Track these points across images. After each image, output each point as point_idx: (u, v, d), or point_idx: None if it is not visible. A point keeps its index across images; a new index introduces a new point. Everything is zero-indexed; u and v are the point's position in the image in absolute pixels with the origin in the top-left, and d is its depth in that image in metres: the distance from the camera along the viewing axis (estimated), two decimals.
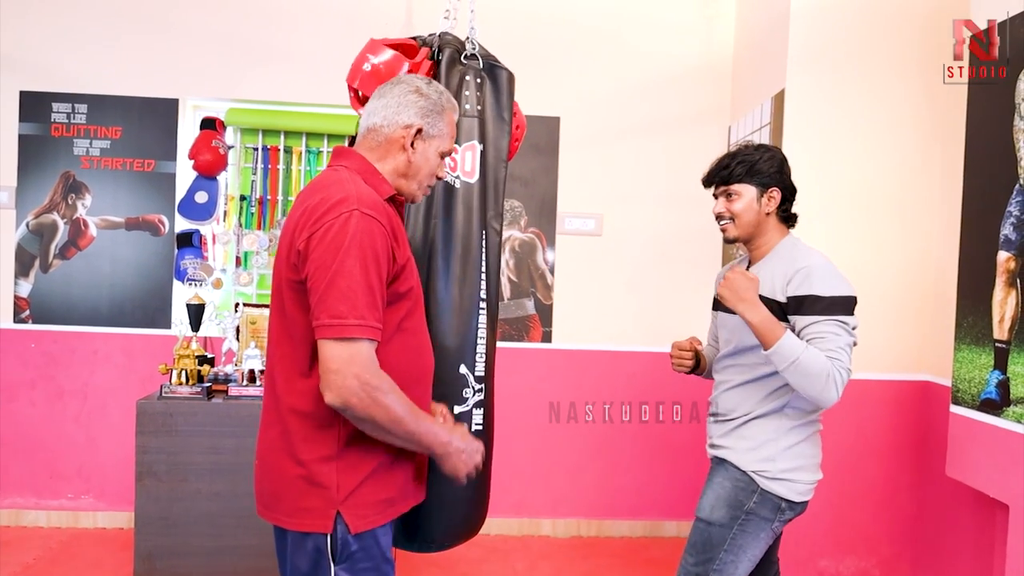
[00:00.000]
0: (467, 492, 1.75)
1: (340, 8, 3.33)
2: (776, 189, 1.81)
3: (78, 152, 3.28)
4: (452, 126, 1.51)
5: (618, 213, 3.46)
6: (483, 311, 1.76)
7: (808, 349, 1.66)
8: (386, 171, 1.44)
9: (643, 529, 3.49)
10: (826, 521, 2.80)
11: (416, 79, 1.48)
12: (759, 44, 3.11)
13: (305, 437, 1.33)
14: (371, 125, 1.45)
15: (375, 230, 1.29)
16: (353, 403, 1.25)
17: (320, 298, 1.26)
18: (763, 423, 1.80)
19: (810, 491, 1.81)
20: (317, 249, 1.27)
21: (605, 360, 3.47)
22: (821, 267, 1.73)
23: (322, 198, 1.31)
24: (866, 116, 2.77)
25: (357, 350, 1.25)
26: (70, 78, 3.27)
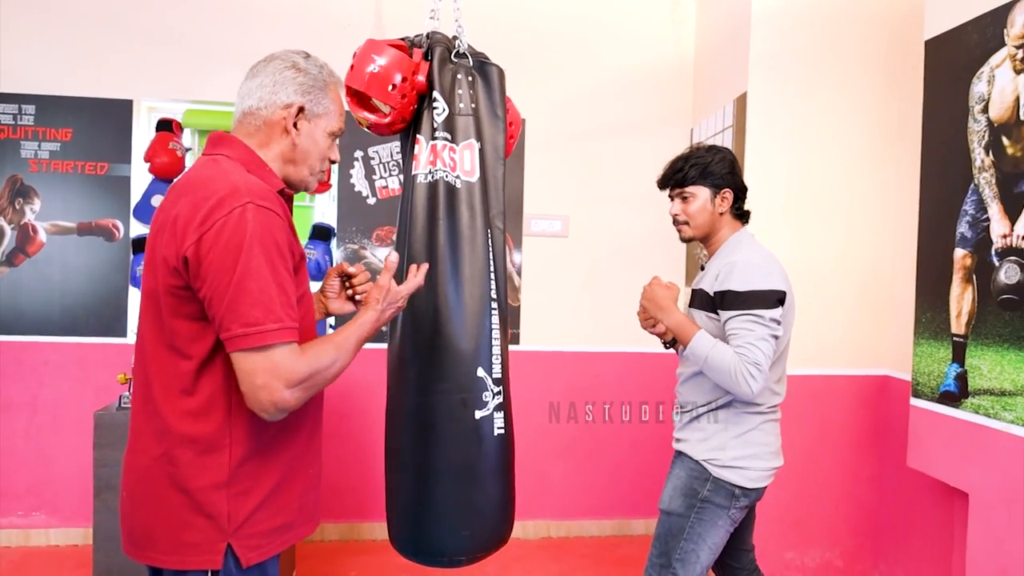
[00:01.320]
0: (495, 498, 1.71)
1: (301, 8, 3.27)
2: (728, 190, 1.89)
3: (26, 155, 3.14)
4: (339, 103, 1.37)
5: (584, 215, 3.48)
6: (495, 311, 1.73)
7: (716, 347, 1.75)
8: (270, 158, 1.31)
9: (612, 528, 3.52)
10: (790, 514, 2.86)
11: (292, 53, 1.34)
12: (721, 48, 3.17)
13: (191, 463, 1.19)
14: (247, 108, 1.31)
15: (273, 222, 1.17)
16: (293, 405, 1.17)
17: (228, 307, 1.12)
18: (713, 415, 1.86)
19: (765, 478, 1.86)
20: (212, 252, 1.13)
21: (572, 361, 3.48)
22: (744, 263, 1.79)
23: (205, 193, 1.16)
24: (825, 117, 2.85)
25: (281, 356, 1.14)
26: (16, 78, 3.13)
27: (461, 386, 1.66)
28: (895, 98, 2.86)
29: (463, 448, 1.67)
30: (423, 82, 1.70)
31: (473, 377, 1.67)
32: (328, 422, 3.31)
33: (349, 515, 3.35)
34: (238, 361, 1.14)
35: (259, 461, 1.23)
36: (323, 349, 1.23)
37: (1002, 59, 2.05)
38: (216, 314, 1.14)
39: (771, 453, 1.88)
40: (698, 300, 1.90)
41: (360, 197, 3.37)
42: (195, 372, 1.19)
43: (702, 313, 1.87)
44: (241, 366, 1.14)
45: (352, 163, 3.36)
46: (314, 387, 1.21)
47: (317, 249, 3.25)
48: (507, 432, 1.74)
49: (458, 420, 1.67)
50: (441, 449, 1.67)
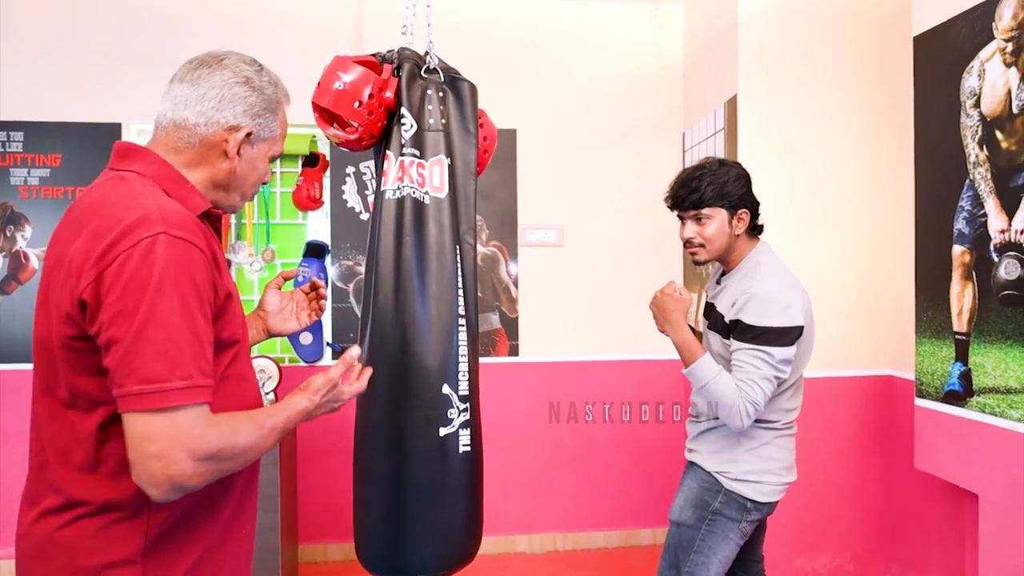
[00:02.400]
0: (459, 516, 1.71)
1: (288, 26, 3.27)
2: (745, 210, 1.82)
3: (15, 182, 3.13)
4: (284, 124, 1.21)
5: (579, 223, 3.46)
6: (463, 328, 1.71)
7: (720, 376, 1.72)
8: (197, 180, 1.12)
9: (619, 539, 3.47)
10: (799, 519, 2.82)
11: (243, 64, 1.15)
12: (709, 51, 3.15)
13: (95, 535, 0.99)
14: (180, 120, 1.10)
15: (192, 256, 0.97)
16: (195, 484, 0.95)
17: (124, 358, 0.91)
18: (726, 427, 1.82)
19: (778, 492, 1.83)
20: (113, 291, 0.92)
21: (572, 371, 3.45)
22: (761, 295, 1.72)
23: (108, 221, 0.96)
24: (817, 117, 2.83)
25: (184, 421, 0.93)
26: (3, 105, 3.12)
27: (426, 403, 1.65)
28: (886, 95, 2.83)
29: (427, 465, 1.66)
30: (391, 98, 1.69)
31: (438, 394, 1.66)
32: (328, 440, 3.28)
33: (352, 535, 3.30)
34: (131, 424, 0.92)
35: (184, 528, 1.05)
36: (242, 424, 1.02)
37: (991, 53, 2.02)
38: (110, 365, 0.93)
39: (784, 468, 1.85)
40: (713, 320, 1.86)
41: (353, 213, 3.35)
42: (99, 433, 0.99)
43: (717, 337, 1.83)
44: (133, 429, 0.92)
45: (344, 179, 3.34)
46: (222, 466, 0.99)
47: (311, 267, 3.23)
48: (474, 449, 1.73)
49: (422, 437, 1.66)
50: (405, 465, 1.66)
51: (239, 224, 3.32)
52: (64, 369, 1.00)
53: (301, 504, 3.22)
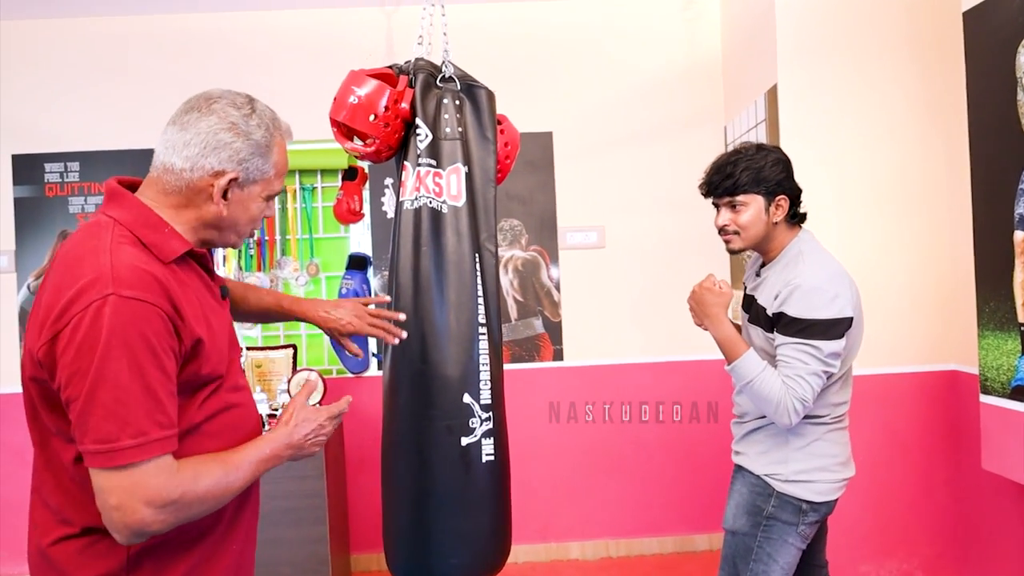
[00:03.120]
0: (485, 525, 1.70)
1: (319, 45, 3.32)
2: (784, 196, 1.72)
3: (73, 210, 3.28)
4: (281, 164, 1.19)
5: (619, 224, 3.40)
6: (483, 336, 1.69)
7: (765, 372, 1.63)
8: (184, 221, 1.13)
9: (674, 545, 3.39)
10: (862, 524, 2.69)
11: (232, 109, 1.13)
12: (747, 40, 3.05)
13: (80, 552, 1.05)
14: (168, 164, 1.11)
15: (143, 314, 0.99)
16: (157, 529, 1.00)
17: (80, 418, 0.97)
18: (772, 426, 1.75)
19: (835, 490, 1.74)
20: (66, 353, 0.97)
21: (620, 372, 3.39)
22: (806, 286, 1.64)
23: (69, 279, 1.00)
24: (862, 103, 2.69)
25: (142, 475, 0.97)
26: (60, 138, 3.28)
27: (446, 413, 1.64)
28: (934, 77, 2.68)
29: (450, 475, 1.65)
30: (406, 109, 1.68)
31: (459, 404, 1.65)
32: (359, 452, 3.32)
33: None
34: (93, 478, 0.98)
35: (168, 547, 1.07)
36: (206, 467, 1.05)
37: None
38: (72, 422, 0.99)
39: (839, 464, 1.76)
40: (754, 313, 1.78)
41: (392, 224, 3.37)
42: (75, 463, 1.04)
43: (759, 330, 1.75)
44: (96, 482, 0.98)
45: (383, 190, 3.38)
46: (190, 510, 1.02)
47: (354, 279, 3.27)
48: (498, 458, 1.71)
49: (444, 447, 1.65)
50: (428, 475, 1.66)
51: (284, 240, 3.39)
52: (37, 404, 1.06)
53: (352, 514, 3.26)
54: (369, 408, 3.34)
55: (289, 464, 2.61)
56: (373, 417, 3.34)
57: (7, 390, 3.27)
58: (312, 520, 2.55)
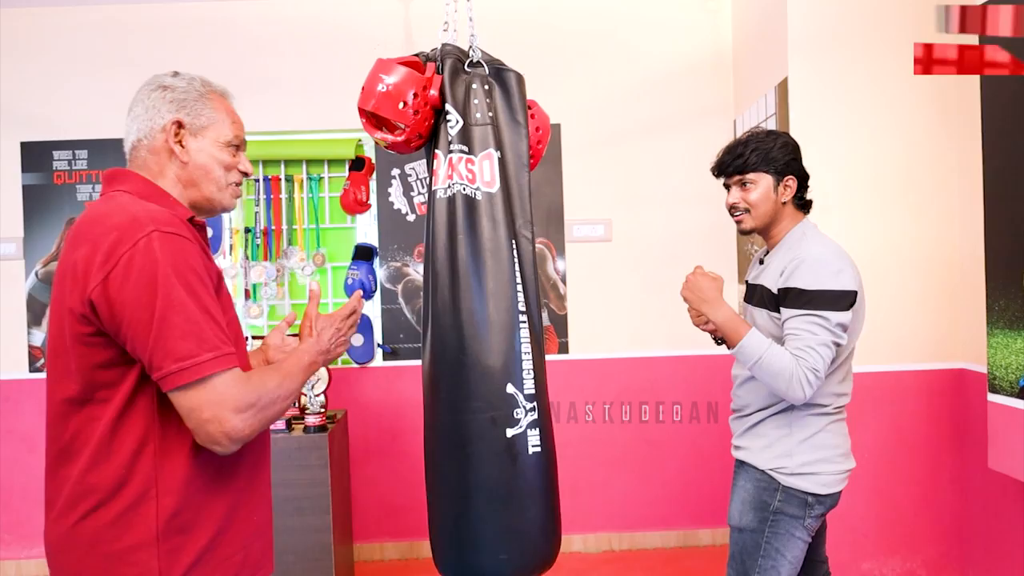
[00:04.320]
0: (535, 519, 1.65)
1: (328, 34, 3.31)
2: (792, 177, 1.76)
3: (81, 198, 3.29)
4: (225, 109, 1.28)
5: (627, 217, 3.38)
6: (524, 324, 1.64)
7: (772, 348, 1.62)
8: (169, 187, 1.22)
9: (677, 539, 3.39)
10: (866, 522, 2.68)
11: (159, 75, 1.26)
12: (758, 33, 3.02)
13: (113, 522, 1.09)
14: (131, 143, 1.24)
15: (184, 247, 1.10)
16: (249, 433, 1.10)
17: (155, 345, 1.04)
18: (776, 418, 1.74)
19: (839, 482, 1.74)
20: (123, 290, 1.05)
21: (626, 366, 3.38)
22: (812, 258, 1.66)
23: (103, 229, 1.08)
24: (872, 98, 2.67)
25: (223, 384, 1.07)
26: (68, 126, 3.29)
27: (490, 404, 1.59)
28: None
29: (496, 468, 1.60)
30: (435, 96, 1.66)
31: (502, 394, 1.60)
32: (382, 440, 3.33)
33: (409, 534, 3.34)
34: (178, 399, 1.06)
35: (191, 512, 1.13)
36: (266, 374, 1.17)
37: None
38: (143, 355, 1.06)
39: (841, 455, 1.75)
40: (758, 296, 1.78)
41: (400, 215, 3.37)
42: (113, 423, 1.10)
43: (763, 312, 1.75)
44: (183, 404, 1.06)
45: (390, 181, 3.37)
46: (265, 412, 1.13)
47: (360, 269, 3.27)
48: (545, 450, 1.65)
49: (489, 439, 1.60)
50: (474, 469, 1.62)
51: (290, 230, 3.39)
52: (78, 366, 1.10)
53: (356, 504, 3.27)
54: (373, 398, 3.35)
55: (293, 453, 2.63)
56: (377, 407, 3.35)
57: (14, 376, 3.29)
58: (316, 509, 2.56)
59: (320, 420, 2.67)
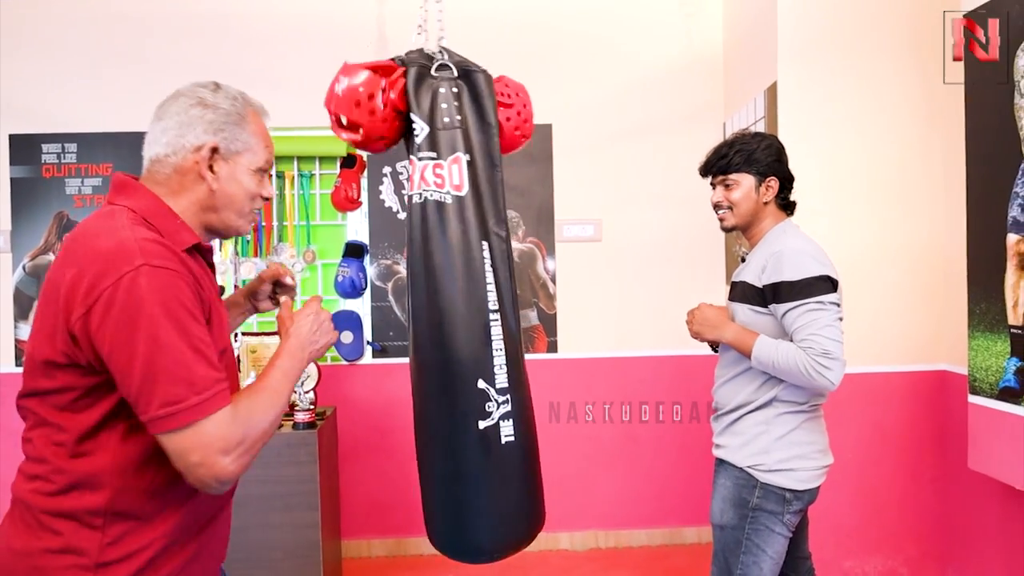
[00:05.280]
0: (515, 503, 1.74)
1: (321, 31, 3.31)
2: (774, 178, 1.82)
3: (70, 191, 3.27)
4: (261, 132, 1.23)
5: (617, 217, 3.41)
6: (496, 322, 1.70)
7: (779, 348, 1.68)
8: (183, 208, 1.16)
9: (662, 537, 3.42)
10: (848, 520, 2.72)
11: (199, 88, 1.18)
12: (748, 37, 3.05)
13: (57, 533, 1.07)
14: (154, 155, 1.16)
15: (171, 283, 1.03)
16: (238, 472, 1.06)
17: (141, 388, 1.00)
18: (753, 416, 1.78)
19: (816, 477, 1.78)
20: (105, 328, 1.00)
21: (613, 366, 3.40)
22: (791, 250, 1.72)
23: (90, 255, 1.03)
24: (861, 103, 2.71)
25: (213, 427, 1.03)
26: (57, 119, 3.26)
27: (462, 398, 1.67)
28: (933, 78, 2.68)
29: (471, 458, 1.69)
30: (395, 99, 1.68)
31: (474, 389, 1.67)
32: (371, 437, 3.33)
33: (396, 531, 3.35)
34: (167, 442, 1.03)
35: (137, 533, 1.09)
36: (253, 403, 1.11)
37: None
38: (129, 396, 1.02)
39: (818, 451, 1.79)
40: (739, 292, 1.83)
41: (390, 212, 3.38)
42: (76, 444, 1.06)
43: (744, 306, 1.80)
44: (169, 447, 1.03)
45: (381, 179, 3.38)
46: (255, 446, 1.09)
47: (351, 267, 3.28)
48: (520, 439, 1.72)
49: (463, 431, 1.69)
50: (453, 458, 1.71)
51: (281, 226, 3.39)
52: (44, 385, 1.07)
53: (344, 501, 3.28)
54: (362, 396, 3.35)
55: (282, 449, 2.64)
56: (366, 405, 3.36)
57: (3, 369, 3.27)
58: (304, 505, 2.57)
59: (309, 417, 2.67)
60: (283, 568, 2.57)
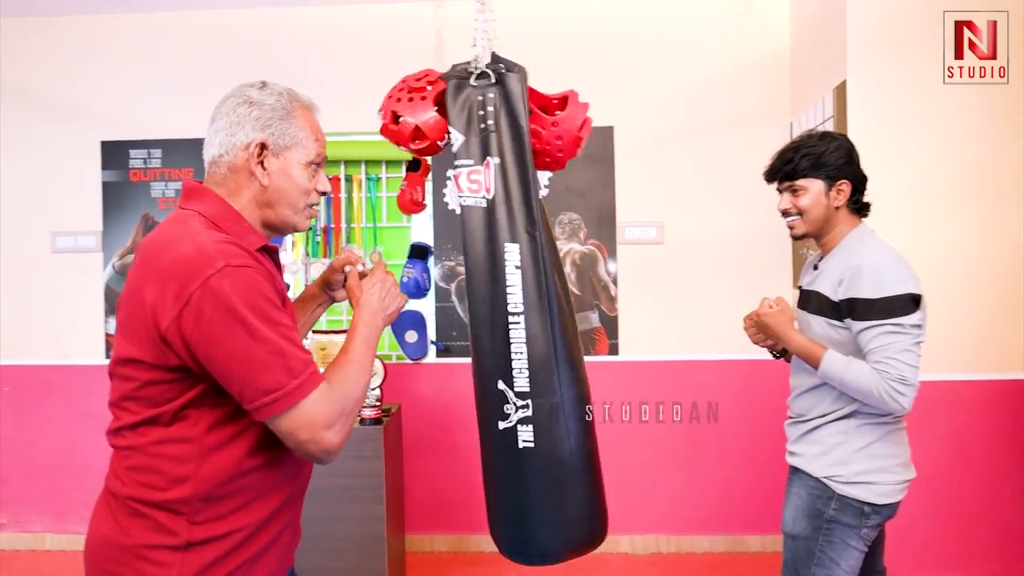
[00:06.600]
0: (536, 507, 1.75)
1: (387, 39, 3.40)
2: (845, 181, 1.73)
3: (155, 194, 3.46)
4: (311, 126, 1.26)
5: (679, 219, 3.38)
6: (517, 324, 1.73)
7: (851, 366, 1.62)
8: (243, 206, 1.21)
9: (725, 544, 3.37)
10: (925, 536, 2.62)
11: (246, 87, 1.23)
12: (816, 34, 2.98)
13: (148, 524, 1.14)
14: (211, 157, 1.23)
15: (252, 277, 1.09)
16: (340, 444, 1.15)
17: (244, 382, 1.07)
18: (833, 426, 1.72)
19: (898, 492, 1.71)
20: (199, 331, 1.06)
21: (675, 369, 3.37)
22: (871, 265, 1.63)
23: (171, 260, 1.09)
24: (934, 101, 2.60)
25: (313, 406, 1.10)
26: (144, 126, 3.46)
27: (487, 398, 1.75)
28: (1017, 74, 2.56)
29: (498, 456, 1.76)
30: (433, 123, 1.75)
31: (494, 389, 1.73)
32: (434, 435, 3.40)
33: (458, 527, 3.41)
34: (276, 425, 1.10)
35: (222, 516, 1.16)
36: (344, 374, 1.18)
37: None
38: (233, 390, 1.09)
39: (900, 465, 1.73)
40: (814, 303, 1.76)
41: (454, 215, 3.44)
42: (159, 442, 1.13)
43: (820, 319, 1.73)
44: (279, 429, 1.11)
45: (445, 182, 3.45)
46: (352, 414, 1.17)
47: (415, 268, 3.35)
48: (539, 447, 1.72)
49: (488, 429, 1.76)
50: (485, 455, 1.79)
51: (349, 228, 3.49)
52: (135, 379, 1.13)
53: (408, 496, 3.35)
54: (426, 394, 3.43)
55: (349, 444, 2.69)
56: (429, 403, 3.43)
57: (93, 361, 3.48)
58: (370, 499, 2.65)
59: (376, 413, 2.75)
60: (350, 558, 2.65)
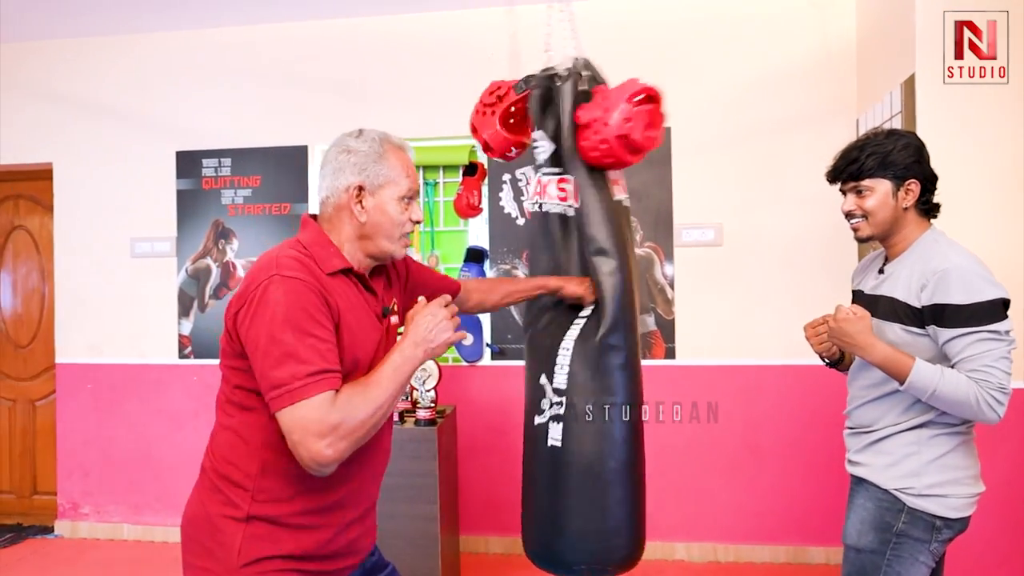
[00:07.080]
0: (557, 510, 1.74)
1: (442, 47, 3.47)
2: (914, 181, 1.65)
3: (225, 201, 3.62)
4: (402, 164, 1.40)
5: (738, 221, 3.31)
6: (577, 325, 1.74)
7: (945, 375, 1.52)
8: (343, 239, 1.38)
9: (786, 555, 3.27)
10: (995, 550, 2.48)
11: (345, 136, 1.41)
12: (883, 27, 2.87)
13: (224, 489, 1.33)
14: (321, 199, 1.41)
15: (296, 289, 1.23)
16: (334, 457, 1.19)
17: (261, 373, 1.21)
18: (903, 436, 1.64)
19: (969, 505, 1.63)
20: (243, 325, 1.25)
21: (733, 374, 3.30)
22: (959, 269, 1.55)
23: (253, 269, 1.31)
24: (1006, 96, 2.47)
25: (307, 410, 1.17)
26: (215, 136, 3.63)
27: (530, 391, 1.80)
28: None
29: (526, 451, 1.82)
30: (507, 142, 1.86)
31: (536, 384, 1.78)
32: (488, 437, 3.43)
33: (512, 529, 3.41)
34: (279, 421, 1.21)
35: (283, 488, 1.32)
36: (356, 392, 1.23)
37: None
38: (258, 383, 1.24)
39: (972, 477, 1.65)
40: (884, 309, 1.67)
41: (510, 219, 3.47)
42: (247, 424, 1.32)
43: (895, 326, 1.64)
44: (281, 425, 1.21)
45: (501, 186, 3.48)
46: (353, 435, 1.21)
47: (471, 271, 3.39)
48: (566, 447, 1.71)
49: (529, 422, 1.81)
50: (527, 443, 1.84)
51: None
52: (228, 373, 1.35)
53: (462, 497, 3.39)
54: (480, 396, 3.46)
55: (405, 444, 2.78)
56: (484, 405, 3.46)
57: (166, 361, 3.67)
58: (425, 499, 2.69)
59: (430, 414, 2.80)
60: (404, 556, 2.69)
